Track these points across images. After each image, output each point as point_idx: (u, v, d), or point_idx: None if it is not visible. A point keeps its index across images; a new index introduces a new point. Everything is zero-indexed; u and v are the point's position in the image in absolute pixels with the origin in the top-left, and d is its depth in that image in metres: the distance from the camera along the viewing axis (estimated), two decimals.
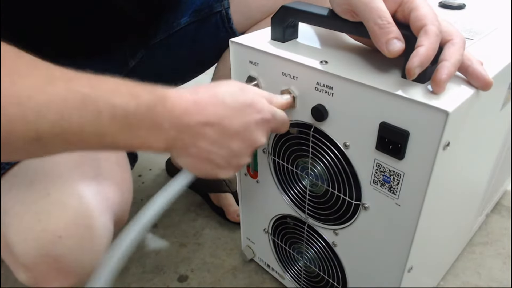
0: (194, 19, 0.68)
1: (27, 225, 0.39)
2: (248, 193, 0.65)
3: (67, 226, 0.40)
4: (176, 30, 0.69)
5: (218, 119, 0.38)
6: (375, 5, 0.38)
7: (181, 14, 0.69)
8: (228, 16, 0.68)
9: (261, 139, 0.41)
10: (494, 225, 0.84)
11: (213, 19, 0.68)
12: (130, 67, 0.69)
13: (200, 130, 0.37)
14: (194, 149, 0.38)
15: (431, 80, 0.37)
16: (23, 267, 0.40)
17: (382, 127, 0.40)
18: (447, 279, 0.72)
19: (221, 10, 0.68)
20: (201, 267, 0.76)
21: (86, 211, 0.41)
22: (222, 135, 0.38)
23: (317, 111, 0.45)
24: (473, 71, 0.39)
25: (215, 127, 0.38)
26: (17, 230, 0.39)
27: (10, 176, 0.42)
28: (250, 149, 0.41)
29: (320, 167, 0.50)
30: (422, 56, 0.36)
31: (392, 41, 0.37)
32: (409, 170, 0.40)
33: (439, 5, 0.63)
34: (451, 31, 0.39)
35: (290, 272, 0.67)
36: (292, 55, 0.46)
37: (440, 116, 0.35)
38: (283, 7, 0.46)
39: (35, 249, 0.39)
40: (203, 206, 0.91)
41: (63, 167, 0.42)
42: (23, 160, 0.40)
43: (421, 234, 0.44)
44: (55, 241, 0.39)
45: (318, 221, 0.54)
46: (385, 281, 0.49)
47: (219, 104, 0.38)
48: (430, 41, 0.36)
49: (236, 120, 0.39)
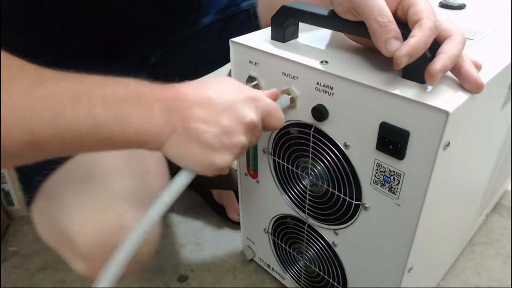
0: (219, 17, 0.69)
1: (88, 216, 0.41)
2: (248, 193, 0.65)
3: (125, 216, 0.42)
4: (200, 28, 0.69)
5: (206, 98, 0.38)
6: (376, 3, 0.38)
7: (205, 13, 0.69)
8: (255, 14, 0.68)
9: (250, 114, 0.40)
10: (494, 225, 0.84)
11: (240, 17, 0.69)
12: (151, 63, 0.70)
13: (190, 111, 0.37)
14: (185, 132, 0.37)
15: (425, 73, 0.37)
16: (82, 257, 0.42)
17: (382, 127, 0.40)
18: (447, 279, 0.72)
19: (249, 8, 0.68)
20: (201, 267, 0.76)
21: (139, 203, 0.43)
22: (211, 113, 0.38)
23: (317, 111, 0.45)
24: (465, 73, 0.38)
25: (204, 106, 0.38)
26: (77, 221, 0.41)
27: (64, 170, 0.45)
28: (241, 125, 0.39)
29: (321, 167, 0.50)
30: (411, 46, 0.36)
31: (390, 40, 0.37)
32: (410, 170, 0.40)
33: (439, 5, 0.63)
34: (451, 29, 0.39)
35: (290, 272, 0.67)
36: (292, 55, 0.46)
37: (440, 116, 0.35)
38: (283, 7, 0.46)
39: (96, 238, 0.41)
40: (203, 206, 0.91)
41: (114, 162, 0.45)
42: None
43: (421, 234, 0.44)
44: (116, 231, 0.41)
45: (318, 221, 0.54)
46: (385, 281, 0.49)
47: (205, 87, 0.39)
48: (422, 33, 0.36)
49: (222, 97, 0.39)
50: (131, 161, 0.47)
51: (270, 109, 0.43)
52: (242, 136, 0.40)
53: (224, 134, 0.38)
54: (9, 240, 0.82)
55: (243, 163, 0.62)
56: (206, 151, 0.38)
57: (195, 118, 0.37)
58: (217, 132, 0.38)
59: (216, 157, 0.39)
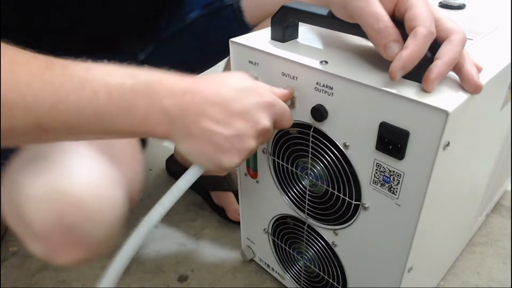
0: (205, 12, 0.69)
1: (42, 194, 0.39)
2: (248, 193, 0.65)
3: (80, 196, 0.40)
4: (187, 24, 0.70)
5: (222, 99, 0.38)
6: (371, 9, 0.38)
7: (190, 8, 0.69)
8: (239, 8, 0.68)
9: (264, 121, 0.40)
10: (494, 225, 0.84)
11: (224, 12, 0.69)
12: (141, 60, 0.70)
13: (204, 109, 0.37)
14: (197, 130, 0.37)
15: (422, 79, 0.37)
16: (37, 237, 0.40)
17: (382, 127, 0.40)
18: (447, 279, 0.72)
19: (233, 3, 0.68)
20: (201, 267, 0.76)
21: (99, 183, 0.41)
22: (226, 115, 0.38)
23: (317, 111, 0.45)
24: (465, 73, 0.38)
25: (219, 106, 0.38)
26: (32, 200, 0.40)
27: (26, 150, 0.43)
28: (254, 130, 0.40)
29: (320, 167, 0.50)
30: (403, 60, 0.36)
31: (390, 45, 0.38)
32: (409, 170, 0.40)
33: (439, 5, 0.63)
34: (451, 28, 0.38)
35: (290, 272, 0.67)
36: (292, 55, 0.46)
37: (440, 116, 0.35)
38: (283, 7, 0.46)
39: (49, 217, 0.39)
40: (203, 206, 0.91)
41: (78, 143, 0.43)
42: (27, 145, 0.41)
43: (421, 234, 0.44)
44: (69, 210, 0.40)
45: (318, 221, 0.54)
46: (385, 281, 0.49)
47: (221, 86, 0.39)
48: (416, 43, 0.36)
49: (239, 100, 0.39)
50: (95, 143, 0.45)
51: (284, 112, 0.43)
52: (253, 141, 0.40)
53: (236, 137, 0.39)
54: (9, 240, 0.82)
55: (243, 163, 0.62)
56: (215, 151, 0.39)
57: (209, 117, 0.37)
58: (229, 135, 0.38)
59: (225, 159, 0.39)
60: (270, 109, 0.41)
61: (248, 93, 0.40)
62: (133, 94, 0.35)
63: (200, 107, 0.37)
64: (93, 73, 0.34)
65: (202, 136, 0.38)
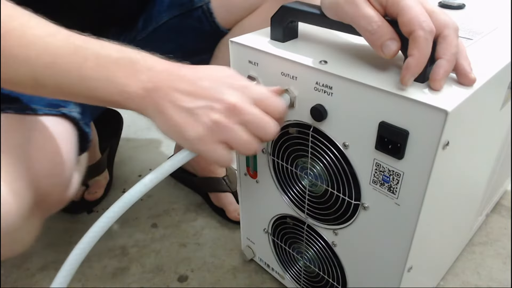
0: (177, 13, 0.70)
1: None
2: (248, 193, 0.65)
3: None
4: (160, 24, 0.70)
5: (194, 76, 0.41)
6: (361, 12, 0.38)
7: (164, 8, 0.70)
8: (209, 10, 0.69)
9: (232, 97, 0.40)
10: (494, 225, 0.84)
11: (195, 14, 0.69)
12: None
13: (175, 84, 0.40)
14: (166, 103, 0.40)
15: (429, 80, 0.37)
16: None
17: (381, 127, 0.40)
18: (447, 279, 0.72)
19: (202, 5, 0.69)
20: (201, 267, 0.76)
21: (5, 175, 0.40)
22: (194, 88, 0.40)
23: (316, 111, 0.45)
24: (458, 68, 0.39)
25: (189, 82, 0.40)
26: None
27: None
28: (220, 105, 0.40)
29: (320, 167, 0.50)
30: (411, 68, 0.37)
31: (386, 44, 0.38)
32: (409, 169, 0.40)
33: (439, 5, 0.63)
34: (442, 22, 0.38)
35: (290, 272, 0.67)
36: (291, 55, 0.46)
37: (439, 116, 0.35)
38: (283, 7, 0.46)
39: None
40: (203, 206, 0.91)
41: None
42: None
43: (421, 233, 0.44)
44: None
45: (318, 221, 0.54)
46: (385, 281, 0.49)
47: (200, 70, 0.42)
48: (420, 49, 0.36)
49: (210, 77, 0.41)
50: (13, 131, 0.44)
51: (260, 96, 0.42)
52: (218, 115, 0.40)
53: (201, 109, 0.40)
54: None
55: (242, 163, 0.62)
56: (183, 123, 0.40)
57: (176, 90, 0.40)
58: (193, 107, 0.40)
59: (191, 131, 0.40)
60: (242, 89, 0.41)
61: (224, 76, 0.42)
62: (116, 65, 0.38)
63: (172, 83, 0.40)
64: (89, 43, 0.38)
65: (171, 108, 0.40)
